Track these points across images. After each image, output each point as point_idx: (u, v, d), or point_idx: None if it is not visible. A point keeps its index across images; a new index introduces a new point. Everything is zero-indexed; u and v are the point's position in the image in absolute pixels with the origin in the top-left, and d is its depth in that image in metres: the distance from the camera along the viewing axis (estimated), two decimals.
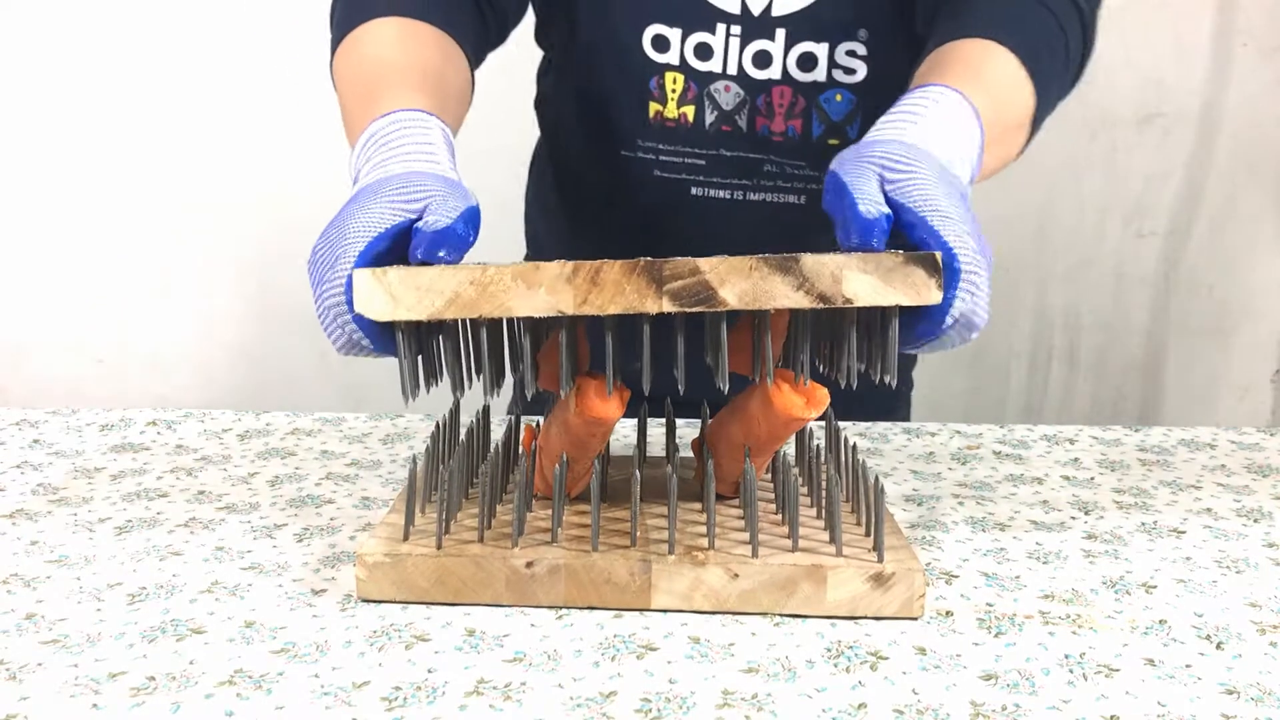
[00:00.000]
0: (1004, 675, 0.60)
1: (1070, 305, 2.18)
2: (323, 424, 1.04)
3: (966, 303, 0.64)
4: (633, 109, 1.03)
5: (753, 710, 0.57)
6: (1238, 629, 0.66)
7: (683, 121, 1.03)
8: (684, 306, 0.62)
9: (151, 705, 0.56)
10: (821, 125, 1.02)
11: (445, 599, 0.67)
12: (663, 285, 0.62)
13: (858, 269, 0.61)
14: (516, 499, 0.69)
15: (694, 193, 1.05)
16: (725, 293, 0.62)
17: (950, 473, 0.93)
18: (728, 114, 1.02)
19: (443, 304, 0.62)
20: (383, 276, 0.62)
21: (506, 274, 0.62)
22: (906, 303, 0.62)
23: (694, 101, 1.02)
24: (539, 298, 0.62)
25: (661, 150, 1.04)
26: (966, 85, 0.77)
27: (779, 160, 1.04)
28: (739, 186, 1.05)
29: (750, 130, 1.03)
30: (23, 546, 0.75)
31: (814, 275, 0.61)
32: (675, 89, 1.02)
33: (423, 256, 0.65)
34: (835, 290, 0.62)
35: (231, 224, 2.11)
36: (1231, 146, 2.11)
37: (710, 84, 1.02)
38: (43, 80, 2.06)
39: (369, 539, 0.69)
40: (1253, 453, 1.00)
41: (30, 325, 2.16)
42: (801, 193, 1.05)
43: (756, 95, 1.02)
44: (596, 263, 0.61)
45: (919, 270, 0.62)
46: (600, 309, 0.62)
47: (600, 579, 0.67)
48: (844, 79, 1.01)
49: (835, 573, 0.66)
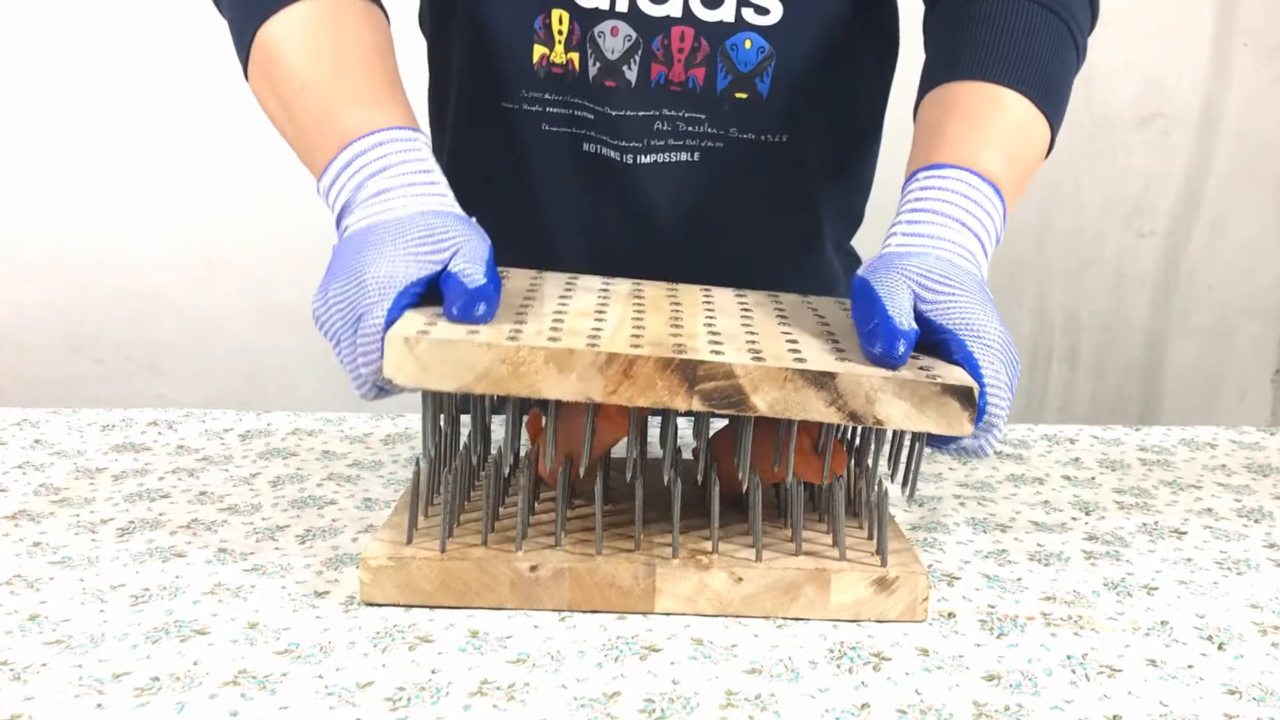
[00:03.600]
0: (1007, 676, 0.60)
1: (1070, 305, 2.18)
2: (324, 424, 1.04)
3: (979, 439, 0.66)
4: (515, 55, 0.90)
5: (756, 711, 0.57)
6: (1239, 629, 0.66)
7: (570, 68, 0.89)
8: (714, 408, 0.62)
9: (155, 705, 0.56)
10: (728, 76, 0.89)
11: (449, 602, 0.67)
12: (695, 385, 0.62)
13: (893, 394, 0.62)
14: (520, 502, 0.69)
15: (585, 149, 0.92)
16: (757, 399, 0.62)
17: (951, 473, 0.93)
18: (612, 65, 0.88)
19: (473, 379, 0.62)
20: (415, 345, 0.62)
21: (539, 356, 0.62)
22: (937, 431, 0.62)
23: (578, 47, 0.88)
24: (569, 383, 0.62)
25: (548, 101, 0.91)
26: (980, 152, 0.74)
27: (670, 114, 0.91)
28: (629, 149, 0.92)
29: (642, 81, 0.89)
30: (25, 548, 0.76)
31: (848, 393, 0.62)
32: (562, 30, 0.88)
33: (459, 315, 0.64)
34: (867, 410, 0.62)
35: (232, 224, 2.11)
36: (1231, 146, 2.11)
37: (595, 25, 0.87)
38: (44, 79, 2.06)
39: (372, 542, 0.69)
40: (1253, 452, 1.00)
41: (30, 325, 2.16)
42: (696, 150, 0.92)
43: (652, 37, 0.87)
44: (631, 355, 0.62)
45: (954, 403, 0.62)
46: (629, 400, 0.62)
47: (604, 582, 0.67)
48: (755, 20, 0.88)
49: (839, 577, 0.66)
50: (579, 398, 0.62)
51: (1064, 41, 0.82)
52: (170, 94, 2.05)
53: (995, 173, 0.75)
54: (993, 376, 0.64)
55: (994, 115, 0.78)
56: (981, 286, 0.69)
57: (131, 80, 2.05)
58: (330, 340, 0.68)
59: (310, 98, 0.76)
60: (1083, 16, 0.85)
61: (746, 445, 0.66)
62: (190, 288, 2.15)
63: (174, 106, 2.06)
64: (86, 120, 2.07)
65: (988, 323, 0.66)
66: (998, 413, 0.65)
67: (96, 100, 2.06)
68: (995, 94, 0.78)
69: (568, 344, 0.62)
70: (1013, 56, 0.79)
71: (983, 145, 0.75)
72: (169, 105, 2.06)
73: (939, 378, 0.62)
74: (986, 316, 0.66)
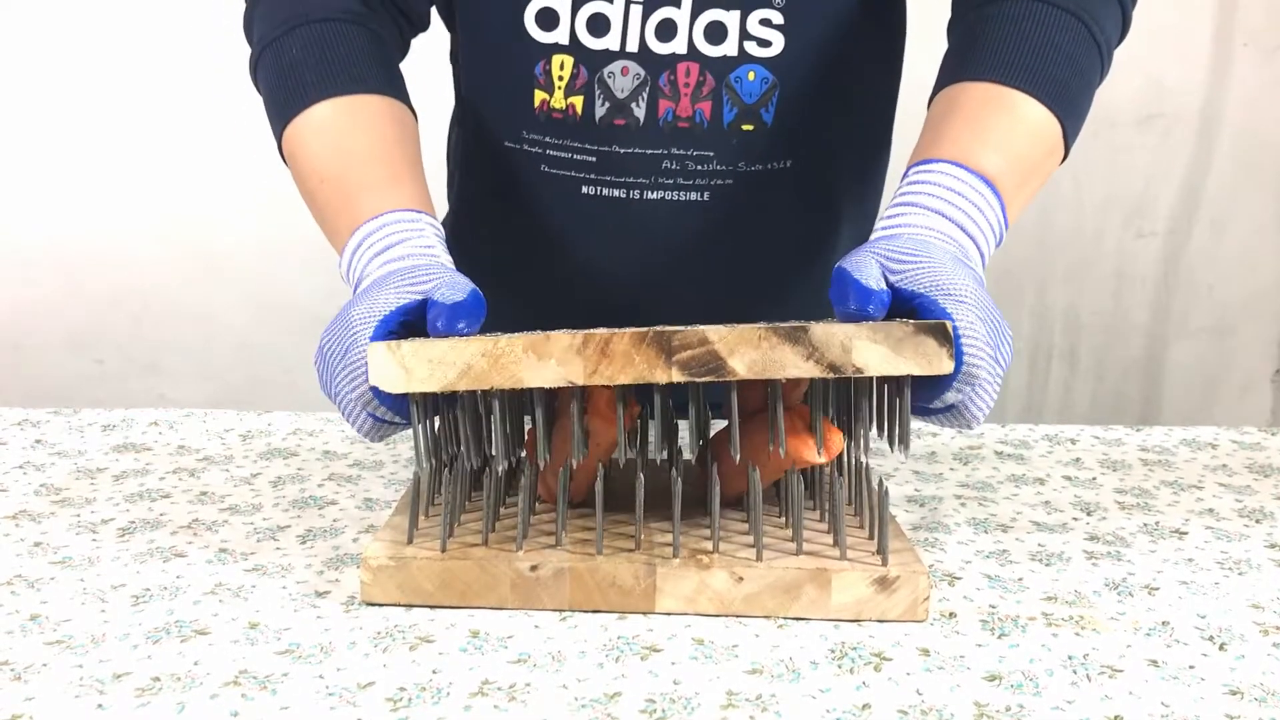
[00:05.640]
0: (1008, 676, 0.60)
1: (1070, 305, 2.18)
2: (325, 424, 1.04)
3: (962, 394, 0.65)
4: (516, 97, 0.92)
5: (757, 711, 0.57)
6: (1240, 630, 0.66)
7: (570, 113, 0.92)
8: (693, 376, 0.62)
9: (156, 705, 0.56)
10: (734, 109, 0.91)
11: (450, 602, 0.67)
12: (672, 355, 0.62)
13: (868, 339, 0.62)
14: (521, 502, 0.69)
15: (585, 191, 0.95)
16: (734, 362, 0.62)
17: (952, 473, 0.93)
18: (622, 103, 0.91)
19: (455, 376, 0.63)
20: (396, 349, 0.64)
21: (518, 345, 0.63)
22: (918, 372, 0.62)
23: (583, 90, 0.91)
24: (550, 369, 0.63)
25: (549, 144, 0.94)
26: (978, 150, 0.75)
27: (680, 154, 0.93)
28: (634, 185, 0.94)
29: (650, 118, 0.91)
30: (26, 548, 0.76)
31: (823, 345, 0.62)
32: (563, 75, 0.91)
33: (444, 328, 0.66)
34: (845, 360, 0.62)
35: (232, 223, 2.11)
36: (1231, 146, 2.11)
37: (604, 66, 0.90)
38: (44, 78, 2.06)
39: (373, 542, 0.69)
40: (1254, 452, 1.00)
41: (30, 325, 2.16)
42: (705, 189, 0.94)
43: (659, 74, 0.90)
44: (606, 333, 0.62)
45: (929, 340, 0.62)
46: (610, 379, 0.63)
47: (605, 582, 0.67)
48: (757, 52, 0.89)
49: (840, 576, 0.66)
50: (560, 383, 0.63)
51: (1087, 48, 0.81)
52: (170, 94, 2.05)
53: (991, 170, 0.74)
54: (968, 326, 0.63)
55: (997, 115, 0.78)
56: (957, 261, 0.69)
57: (131, 80, 2.05)
58: (323, 380, 0.71)
59: (329, 190, 0.82)
60: (1110, 25, 0.84)
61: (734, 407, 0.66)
62: (190, 288, 2.15)
63: (174, 106, 2.05)
64: (87, 120, 2.07)
65: (960, 283, 0.66)
66: (977, 362, 0.63)
67: (97, 100, 2.06)
68: (1002, 95, 0.78)
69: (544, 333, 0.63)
70: (1027, 58, 0.79)
71: (980, 143, 0.75)
72: (169, 105, 2.06)
73: (909, 320, 0.63)
74: (960, 279, 0.66)
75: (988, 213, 0.74)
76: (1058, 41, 0.80)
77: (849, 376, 0.63)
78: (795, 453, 0.69)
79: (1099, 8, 0.82)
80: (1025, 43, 0.79)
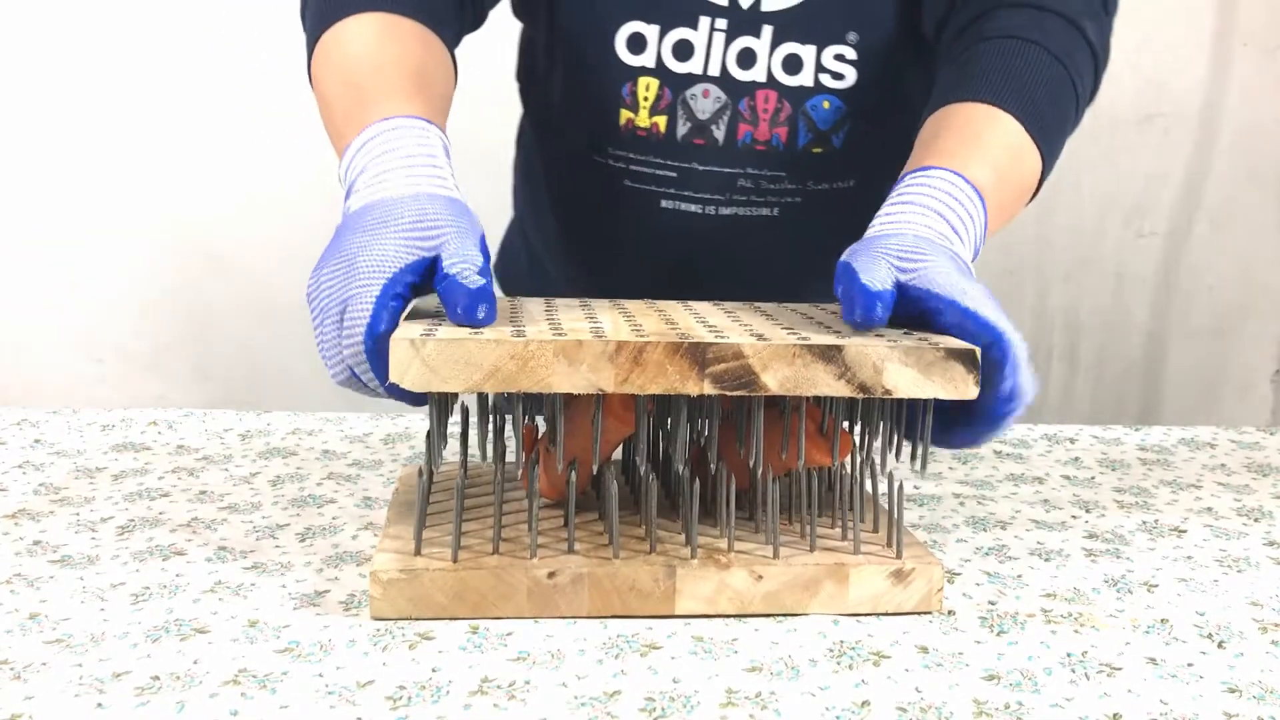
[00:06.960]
0: (1006, 674, 0.60)
1: (1070, 305, 2.18)
2: (324, 423, 1.04)
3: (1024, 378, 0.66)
4: (604, 116, 0.98)
5: (756, 709, 0.57)
6: (1239, 627, 0.66)
7: (654, 131, 0.97)
8: (725, 390, 0.62)
9: (156, 704, 0.56)
10: (809, 134, 0.97)
11: (464, 614, 0.65)
12: (705, 368, 0.62)
13: (899, 361, 0.63)
14: (529, 507, 0.68)
15: (664, 205, 1.00)
16: (767, 378, 0.62)
17: (951, 472, 0.93)
18: (702, 124, 0.96)
19: (481, 377, 0.62)
20: (421, 347, 0.61)
21: (548, 350, 0.61)
22: (943, 396, 0.63)
23: (666, 111, 0.96)
24: (580, 375, 0.62)
25: (632, 160, 0.99)
26: (970, 162, 0.77)
27: (754, 173, 0.99)
28: (710, 201, 1.00)
29: (729, 140, 0.97)
30: (25, 546, 0.76)
31: (856, 365, 0.62)
32: (648, 96, 0.96)
33: (463, 316, 0.65)
34: (876, 381, 0.63)
35: (231, 223, 2.11)
36: (1231, 146, 2.11)
37: (687, 89, 0.95)
38: (45, 78, 2.06)
39: (379, 554, 0.67)
40: (1253, 452, 1.00)
41: (30, 325, 2.16)
42: (775, 205, 1.00)
43: (739, 99, 0.96)
44: (640, 342, 0.62)
45: (958, 365, 0.63)
46: (641, 389, 0.62)
47: (624, 586, 0.66)
48: (831, 84, 0.95)
49: (857, 571, 0.66)
50: (590, 389, 0.62)
51: (1066, 91, 0.85)
52: (170, 93, 2.05)
53: (981, 182, 0.77)
54: (1001, 321, 0.66)
55: (987, 132, 0.81)
56: (954, 257, 0.71)
57: (132, 80, 2.05)
58: (314, 319, 0.69)
59: (348, 95, 0.81)
60: (1088, 78, 0.87)
61: (759, 428, 0.66)
62: (190, 287, 2.15)
63: (175, 106, 2.05)
64: (87, 120, 2.07)
65: (971, 285, 0.68)
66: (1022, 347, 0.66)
67: (97, 100, 2.06)
68: (992, 114, 0.81)
69: (575, 337, 0.62)
70: (1013, 87, 0.82)
71: (971, 157, 0.78)
72: (169, 105, 2.06)
73: (940, 344, 0.64)
74: (968, 280, 0.68)
75: (975, 219, 0.76)
76: (1043, 80, 0.84)
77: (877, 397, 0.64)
78: (807, 455, 0.69)
79: (1082, 64, 0.86)
80: (1013, 76, 0.83)
